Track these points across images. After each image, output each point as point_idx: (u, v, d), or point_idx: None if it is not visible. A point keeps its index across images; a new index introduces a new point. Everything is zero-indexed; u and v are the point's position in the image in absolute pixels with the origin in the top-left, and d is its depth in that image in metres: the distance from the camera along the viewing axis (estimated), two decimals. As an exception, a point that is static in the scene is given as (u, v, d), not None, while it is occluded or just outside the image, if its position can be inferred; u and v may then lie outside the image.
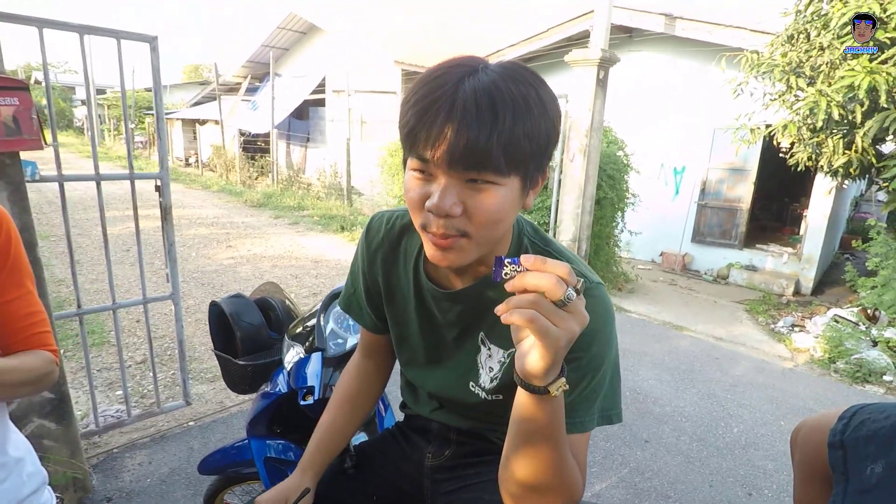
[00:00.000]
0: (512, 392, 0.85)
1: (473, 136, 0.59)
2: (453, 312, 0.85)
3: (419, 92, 0.62)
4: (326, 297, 1.29)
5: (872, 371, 3.75)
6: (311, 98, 12.82)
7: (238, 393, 1.64)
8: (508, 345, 0.82)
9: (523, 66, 0.66)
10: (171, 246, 2.49)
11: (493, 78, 0.61)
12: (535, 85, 0.63)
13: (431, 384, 0.94)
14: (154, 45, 2.23)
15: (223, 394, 3.07)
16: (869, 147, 4.31)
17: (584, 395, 0.74)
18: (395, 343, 0.97)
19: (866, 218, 10.01)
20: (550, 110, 0.64)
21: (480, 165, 0.61)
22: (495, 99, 0.59)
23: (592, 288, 0.75)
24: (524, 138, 0.61)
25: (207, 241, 6.86)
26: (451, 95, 0.59)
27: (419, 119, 0.61)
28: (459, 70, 0.62)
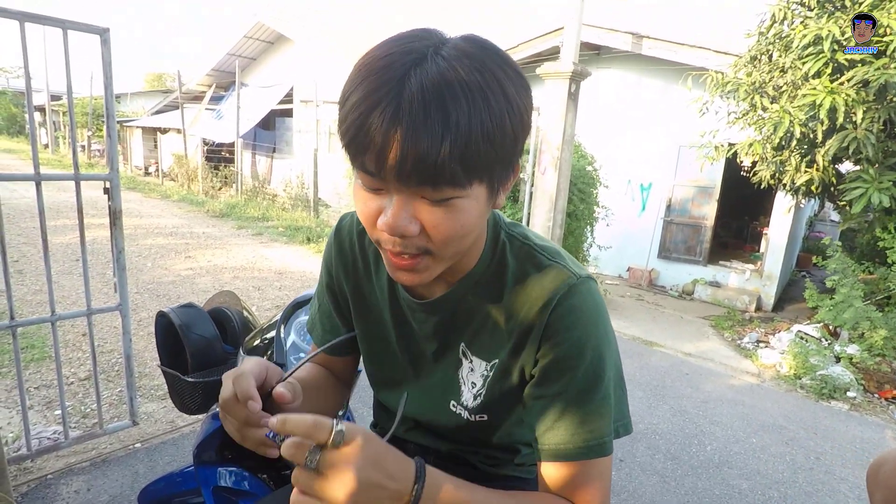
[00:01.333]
0: (497, 410, 0.76)
1: (424, 148, 0.48)
2: (429, 324, 0.75)
3: (359, 87, 0.51)
4: (288, 306, 1.16)
5: (837, 387, 3.80)
6: (278, 108, 12.61)
7: (186, 413, 1.48)
8: (491, 356, 0.73)
9: (483, 43, 0.54)
10: (119, 253, 2.30)
11: (444, 68, 0.49)
12: (494, 69, 0.52)
13: (409, 408, 0.82)
14: (105, 37, 2.08)
15: (174, 412, 2.86)
16: (829, 166, 4.44)
17: (595, 409, 0.66)
18: (366, 362, 0.86)
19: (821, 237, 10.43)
20: (516, 99, 0.53)
21: (434, 180, 0.51)
22: (446, 97, 0.48)
23: (578, 284, 0.67)
24: (484, 142, 0.50)
25: (165, 252, 6.54)
26: (396, 95, 0.48)
27: (360, 126, 0.50)
28: (406, 57, 0.50)
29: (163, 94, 20.58)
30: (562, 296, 0.66)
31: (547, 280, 0.67)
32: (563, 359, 0.66)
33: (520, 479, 0.88)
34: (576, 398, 0.66)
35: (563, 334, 0.65)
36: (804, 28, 4.14)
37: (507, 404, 0.75)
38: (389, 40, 0.54)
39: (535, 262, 0.69)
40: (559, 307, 0.65)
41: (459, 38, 0.54)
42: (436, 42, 0.53)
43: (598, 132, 7.27)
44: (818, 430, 3.28)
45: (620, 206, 7.41)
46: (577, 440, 0.65)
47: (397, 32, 0.56)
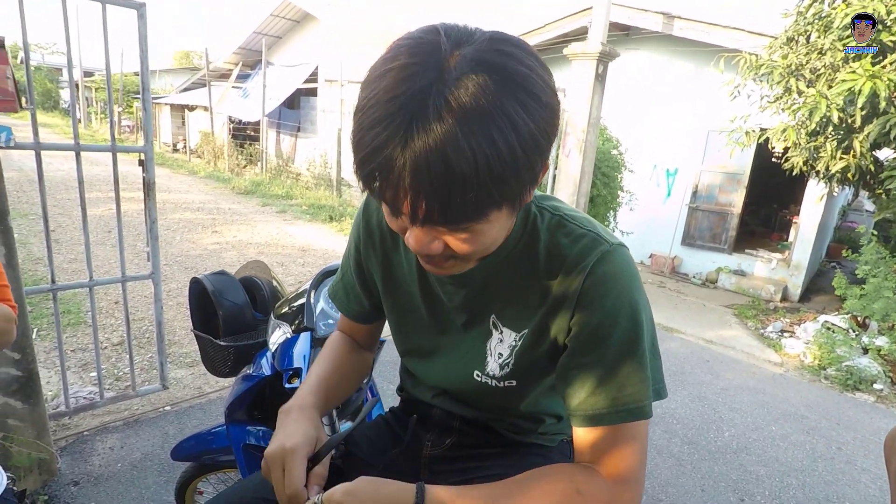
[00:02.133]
0: (526, 377, 0.78)
1: (430, 200, 0.49)
2: (459, 296, 0.76)
3: (367, 137, 0.49)
4: (317, 274, 1.20)
5: (863, 379, 3.73)
6: (303, 87, 12.65)
7: (217, 376, 1.54)
8: (521, 326, 0.74)
9: (497, 65, 0.49)
10: (153, 223, 2.37)
11: (446, 118, 0.46)
12: (505, 103, 0.48)
13: (434, 376, 0.85)
14: (142, 11, 2.12)
15: (202, 379, 2.97)
16: (867, 152, 4.30)
17: (632, 373, 0.66)
18: (395, 333, 0.88)
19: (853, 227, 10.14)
20: (532, 121, 0.49)
21: (446, 222, 0.53)
22: (448, 154, 0.47)
23: (611, 250, 0.67)
24: (492, 183, 0.49)
25: (192, 226, 6.69)
26: (402, 145, 0.47)
27: (371, 173, 0.51)
28: (409, 100, 0.47)
29: (190, 71, 20.81)
30: (595, 263, 0.66)
31: (579, 248, 0.67)
32: (599, 326, 0.66)
33: (542, 447, 0.90)
34: (612, 363, 0.66)
35: (598, 301, 0.66)
36: (846, 7, 3.97)
37: (537, 372, 0.77)
38: (399, 65, 0.49)
39: (567, 232, 0.69)
40: (592, 275, 0.66)
41: (470, 62, 0.49)
42: (441, 67, 0.49)
43: (624, 115, 7.13)
44: (841, 421, 3.24)
45: (645, 191, 7.30)
46: (617, 403, 0.66)
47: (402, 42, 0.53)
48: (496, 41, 0.52)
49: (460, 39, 0.51)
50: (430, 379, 0.86)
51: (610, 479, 0.66)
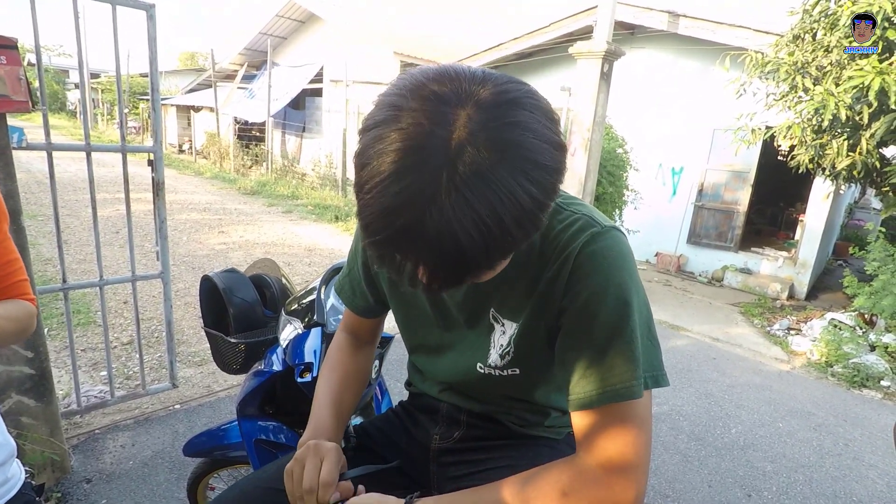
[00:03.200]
0: (528, 364, 0.79)
1: (447, 279, 0.53)
2: (459, 292, 0.78)
3: (372, 225, 0.50)
4: (327, 271, 1.22)
5: (870, 376, 3.72)
6: (309, 88, 12.68)
7: (228, 373, 1.56)
8: (517, 316, 0.75)
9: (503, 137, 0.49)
10: (162, 223, 2.40)
11: (457, 214, 0.47)
12: (507, 177, 0.48)
13: (441, 371, 0.87)
14: (151, 13, 2.14)
15: (211, 378, 2.99)
16: (874, 150, 4.28)
17: (619, 353, 0.65)
18: (402, 329, 0.90)
19: (860, 225, 10.08)
20: (536, 178, 0.50)
21: (460, 285, 0.55)
22: (458, 235, 0.48)
23: (602, 232, 0.67)
24: (498, 251, 0.52)
25: (199, 227, 6.74)
26: (412, 246, 0.49)
27: (381, 261, 0.53)
28: (416, 199, 0.47)
29: (196, 72, 20.89)
30: (584, 243, 0.66)
31: (572, 232, 0.68)
32: (585, 304, 0.66)
33: (549, 440, 0.91)
34: (600, 344, 0.66)
35: (585, 280, 0.66)
36: (853, 4, 3.96)
37: (538, 360, 0.78)
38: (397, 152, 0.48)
39: (561, 219, 0.70)
40: (581, 255, 0.66)
41: (475, 140, 0.48)
42: (448, 158, 0.48)
43: (629, 114, 7.12)
44: (848, 418, 3.23)
45: (650, 189, 7.28)
46: (605, 385, 0.65)
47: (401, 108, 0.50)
48: (503, 107, 0.50)
49: (463, 98, 0.50)
50: (437, 374, 0.88)
51: (602, 467, 0.65)
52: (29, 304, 0.86)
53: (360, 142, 0.52)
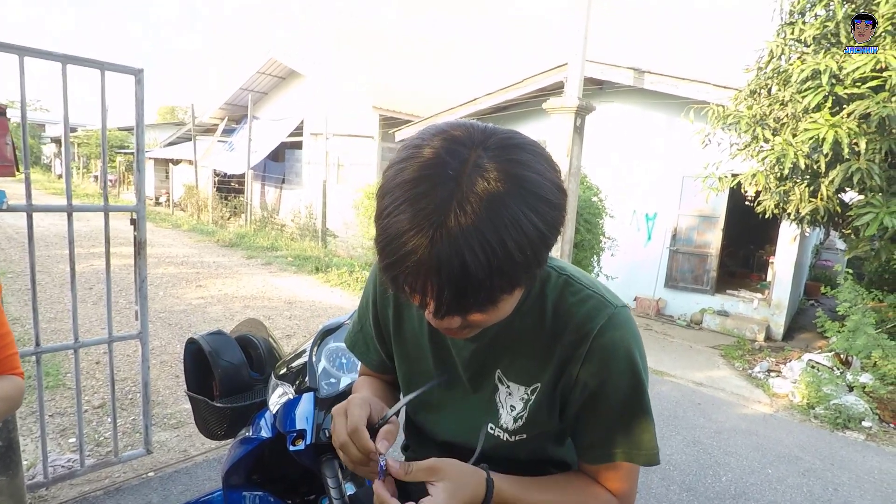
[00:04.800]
0: (535, 431, 0.80)
1: (453, 302, 0.56)
2: (467, 350, 0.79)
3: (390, 247, 0.54)
4: (318, 333, 1.21)
5: (851, 417, 3.76)
6: (288, 140, 12.88)
7: (212, 439, 1.51)
8: (530, 381, 0.77)
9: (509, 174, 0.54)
10: (142, 282, 2.36)
11: (466, 239, 0.52)
12: (515, 210, 0.53)
13: (445, 431, 0.86)
14: (139, 77, 2.19)
15: (187, 441, 2.88)
16: (833, 196, 4.50)
17: (641, 422, 0.74)
18: (402, 383, 0.90)
19: (828, 265, 10.42)
20: (539, 218, 0.55)
21: (467, 313, 0.58)
22: (466, 260, 0.52)
23: (616, 313, 0.73)
24: (503, 279, 0.55)
25: (176, 280, 6.62)
26: (424, 266, 0.53)
27: (394, 273, 0.56)
28: (429, 222, 0.52)
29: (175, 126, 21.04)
30: (603, 325, 0.72)
31: (587, 309, 0.73)
32: (607, 383, 0.72)
33: None
34: (621, 416, 0.73)
35: (606, 360, 0.72)
36: (802, 63, 4.26)
37: (546, 425, 0.80)
38: (415, 182, 0.54)
39: (574, 292, 0.75)
40: (600, 336, 0.71)
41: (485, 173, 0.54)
42: (460, 188, 0.53)
43: (603, 164, 7.38)
44: (835, 461, 3.24)
45: (626, 235, 7.47)
46: (631, 449, 0.74)
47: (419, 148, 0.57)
48: (510, 149, 0.57)
49: (475, 142, 0.56)
50: (439, 433, 0.87)
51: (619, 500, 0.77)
52: (19, 379, 0.84)
53: (383, 176, 0.59)
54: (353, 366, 1.17)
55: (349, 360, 1.18)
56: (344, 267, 8.12)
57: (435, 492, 0.64)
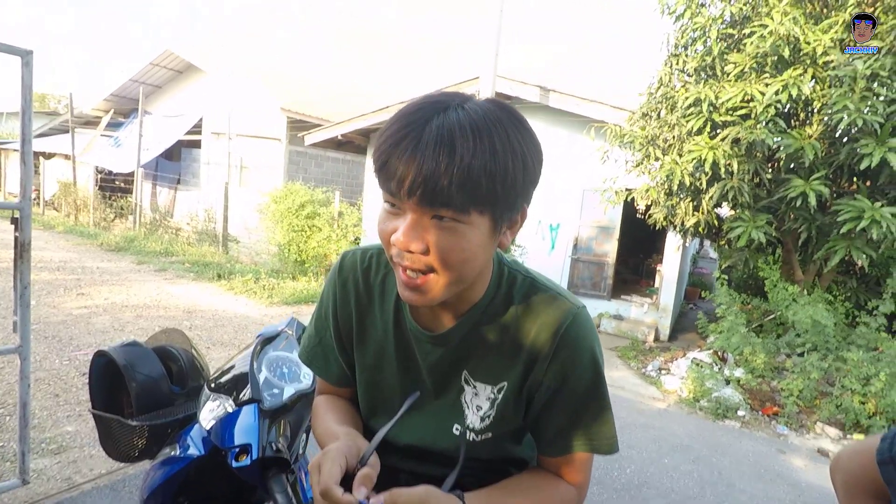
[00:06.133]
0: (502, 429, 0.83)
1: (430, 171, 0.59)
2: (435, 355, 0.80)
3: (392, 127, 0.62)
4: (256, 342, 1.15)
5: (729, 407, 4.23)
6: (185, 139, 12.00)
7: (123, 461, 1.37)
8: (496, 380, 0.80)
9: (502, 104, 0.65)
10: (24, 289, 2.09)
11: (460, 116, 0.61)
12: (505, 123, 0.62)
13: (408, 435, 0.86)
14: (27, 59, 1.96)
15: (71, 468, 2.57)
16: (711, 210, 5.06)
17: (601, 414, 0.79)
18: (362, 391, 0.89)
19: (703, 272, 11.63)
20: (521, 149, 0.63)
21: (438, 201, 0.61)
22: (455, 136, 0.59)
23: (579, 312, 0.78)
24: (483, 175, 0.59)
25: (52, 288, 5.89)
26: (418, 133, 0.60)
27: (388, 155, 0.62)
28: (431, 107, 0.62)
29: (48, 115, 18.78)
30: (568, 324, 0.76)
31: (552, 309, 0.77)
32: (571, 378, 0.77)
33: None
34: (583, 409, 0.78)
35: (572, 357, 0.76)
36: (685, 91, 4.77)
37: (512, 423, 0.83)
38: (419, 99, 0.65)
39: (538, 293, 0.79)
40: (566, 334, 0.76)
41: (484, 100, 0.65)
42: (462, 99, 0.64)
43: (511, 174, 7.66)
44: (718, 448, 3.62)
45: (532, 244, 7.82)
46: (592, 439, 0.78)
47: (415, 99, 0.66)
48: (497, 102, 0.66)
49: (464, 97, 0.65)
50: (402, 438, 0.86)
51: (579, 492, 0.83)
52: None
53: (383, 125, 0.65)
54: (296, 375, 1.12)
55: (290, 370, 1.13)
56: (249, 274, 7.70)
57: None
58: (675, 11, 5.11)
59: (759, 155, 4.59)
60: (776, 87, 4.11)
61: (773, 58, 4.36)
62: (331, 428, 0.83)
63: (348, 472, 0.66)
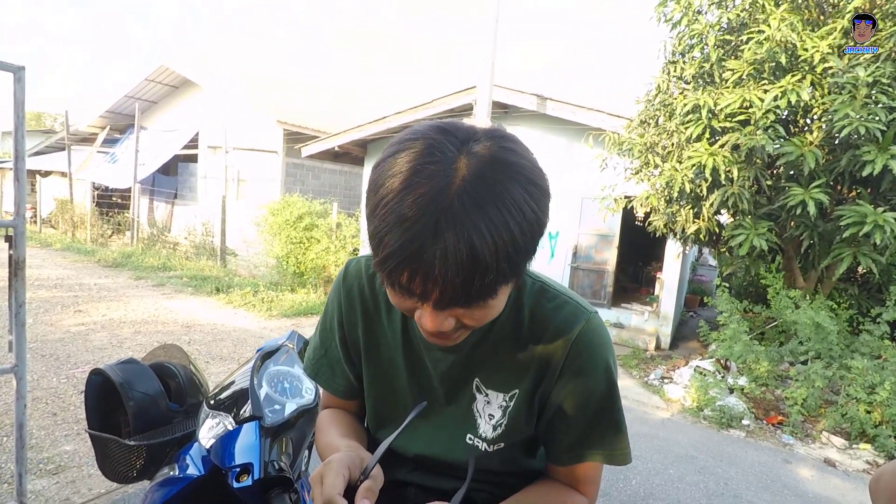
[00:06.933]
0: (514, 439, 0.80)
1: (453, 293, 0.55)
2: (446, 362, 0.78)
3: (392, 233, 0.53)
4: (256, 357, 1.12)
5: (733, 416, 4.19)
6: (182, 153, 12.02)
7: (120, 482, 1.34)
8: (508, 388, 0.78)
9: (499, 158, 0.56)
10: (20, 308, 2.06)
11: (473, 222, 0.52)
12: (512, 189, 0.54)
13: (418, 445, 0.83)
14: (20, 75, 1.94)
15: (69, 488, 2.53)
16: (712, 217, 5.05)
17: (614, 423, 0.77)
18: (371, 403, 0.86)
19: (703, 280, 11.61)
20: (533, 210, 0.56)
21: (471, 304, 0.58)
22: (477, 253, 0.52)
23: (591, 318, 0.76)
24: (508, 271, 0.56)
25: (49, 306, 5.84)
26: (429, 254, 0.52)
27: (395, 275, 0.55)
28: (432, 208, 0.52)
29: (43, 134, 18.81)
30: (581, 330, 0.74)
31: (564, 315, 0.75)
32: (584, 386, 0.75)
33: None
34: (598, 418, 0.76)
35: (585, 365, 0.74)
36: (684, 98, 4.78)
37: (524, 432, 0.80)
38: (410, 171, 0.54)
39: (550, 298, 0.77)
40: (578, 343, 0.74)
41: (480, 159, 0.55)
42: (458, 173, 0.54)
43: (509, 184, 7.67)
44: (723, 458, 3.57)
45: (532, 253, 7.81)
46: (604, 449, 0.76)
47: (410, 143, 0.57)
48: (499, 139, 0.59)
49: (465, 137, 0.58)
50: (411, 449, 0.83)
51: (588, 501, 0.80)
52: None
53: (374, 172, 0.57)
54: (298, 390, 1.09)
55: (292, 385, 1.10)
56: (247, 287, 7.66)
57: None
58: (672, 19, 5.13)
59: (759, 161, 4.58)
60: (775, 93, 4.12)
61: (771, 64, 4.38)
62: (333, 441, 0.81)
63: (350, 484, 0.64)
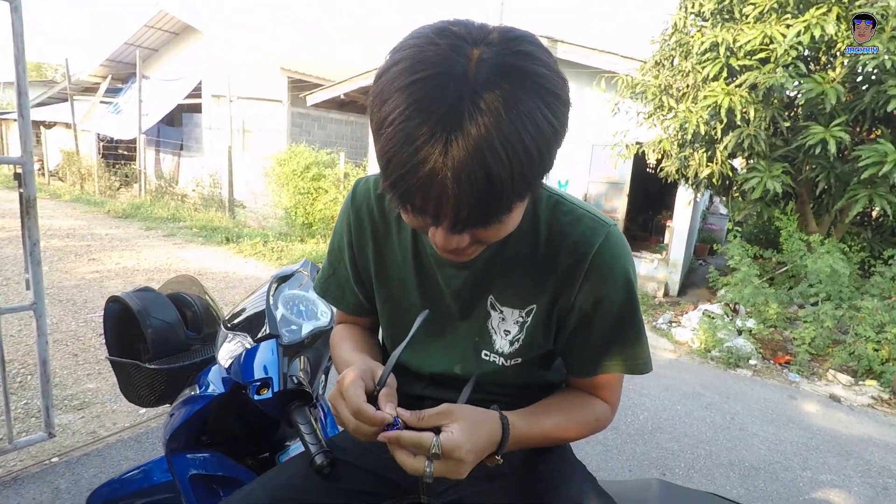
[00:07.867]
0: (531, 354, 0.80)
1: (476, 211, 0.53)
2: (459, 279, 0.76)
3: (397, 156, 0.50)
4: (272, 279, 1.12)
5: (740, 357, 4.24)
6: (185, 103, 11.82)
7: (142, 406, 1.38)
8: (524, 303, 0.76)
9: (517, 66, 0.51)
10: (34, 245, 2.07)
11: (484, 137, 0.48)
12: (528, 103, 0.50)
13: (434, 363, 0.83)
14: (16, 4, 1.87)
15: (95, 422, 2.63)
16: (726, 161, 4.94)
17: (636, 334, 0.76)
18: (385, 323, 0.86)
19: (713, 228, 11.51)
20: (551, 122, 0.52)
21: (486, 223, 0.56)
22: (491, 170, 0.49)
23: (611, 230, 0.73)
24: (524, 184, 0.53)
25: (63, 254, 5.92)
26: (441, 173, 0.49)
27: (407, 197, 0.53)
28: (443, 124, 0.48)
29: (44, 84, 18.52)
30: (601, 244, 0.72)
31: (582, 229, 0.73)
32: (604, 299, 0.73)
33: None
34: (618, 330, 0.75)
35: (606, 276, 0.72)
36: (701, 36, 4.57)
37: (542, 346, 0.80)
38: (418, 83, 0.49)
39: (567, 211, 0.74)
40: (598, 256, 0.72)
41: (493, 68, 0.50)
42: (469, 84, 0.49)
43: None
44: (730, 395, 3.64)
45: (541, 201, 7.74)
46: (626, 359, 0.77)
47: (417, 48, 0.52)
48: (513, 41, 0.53)
49: (476, 39, 0.53)
50: (427, 366, 0.84)
51: (612, 407, 0.83)
52: None
53: (377, 83, 0.53)
54: (313, 313, 1.10)
55: (308, 308, 1.11)
56: (257, 237, 7.70)
57: (452, 429, 0.62)
58: (691, -50, 4.86)
59: (777, 101, 4.43)
60: (798, 28, 3.93)
61: (796, -4, 4.16)
62: (346, 357, 0.82)
63: (367, 394, 0.66)
